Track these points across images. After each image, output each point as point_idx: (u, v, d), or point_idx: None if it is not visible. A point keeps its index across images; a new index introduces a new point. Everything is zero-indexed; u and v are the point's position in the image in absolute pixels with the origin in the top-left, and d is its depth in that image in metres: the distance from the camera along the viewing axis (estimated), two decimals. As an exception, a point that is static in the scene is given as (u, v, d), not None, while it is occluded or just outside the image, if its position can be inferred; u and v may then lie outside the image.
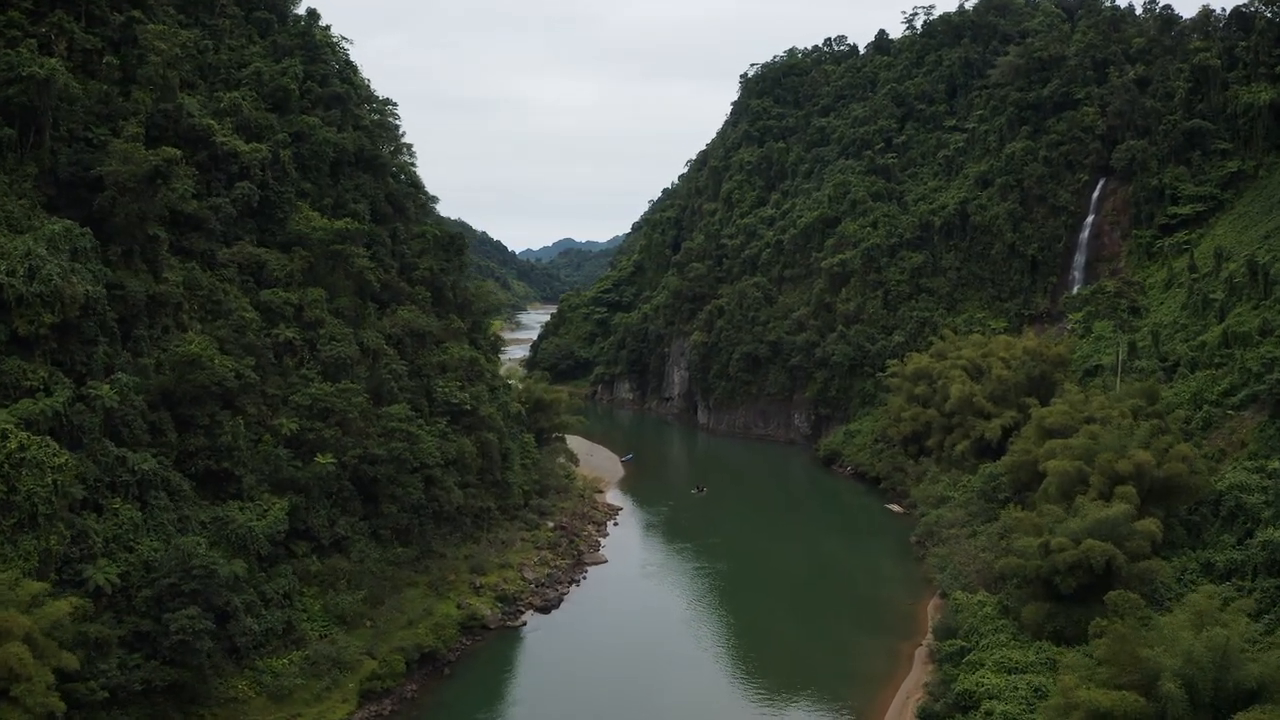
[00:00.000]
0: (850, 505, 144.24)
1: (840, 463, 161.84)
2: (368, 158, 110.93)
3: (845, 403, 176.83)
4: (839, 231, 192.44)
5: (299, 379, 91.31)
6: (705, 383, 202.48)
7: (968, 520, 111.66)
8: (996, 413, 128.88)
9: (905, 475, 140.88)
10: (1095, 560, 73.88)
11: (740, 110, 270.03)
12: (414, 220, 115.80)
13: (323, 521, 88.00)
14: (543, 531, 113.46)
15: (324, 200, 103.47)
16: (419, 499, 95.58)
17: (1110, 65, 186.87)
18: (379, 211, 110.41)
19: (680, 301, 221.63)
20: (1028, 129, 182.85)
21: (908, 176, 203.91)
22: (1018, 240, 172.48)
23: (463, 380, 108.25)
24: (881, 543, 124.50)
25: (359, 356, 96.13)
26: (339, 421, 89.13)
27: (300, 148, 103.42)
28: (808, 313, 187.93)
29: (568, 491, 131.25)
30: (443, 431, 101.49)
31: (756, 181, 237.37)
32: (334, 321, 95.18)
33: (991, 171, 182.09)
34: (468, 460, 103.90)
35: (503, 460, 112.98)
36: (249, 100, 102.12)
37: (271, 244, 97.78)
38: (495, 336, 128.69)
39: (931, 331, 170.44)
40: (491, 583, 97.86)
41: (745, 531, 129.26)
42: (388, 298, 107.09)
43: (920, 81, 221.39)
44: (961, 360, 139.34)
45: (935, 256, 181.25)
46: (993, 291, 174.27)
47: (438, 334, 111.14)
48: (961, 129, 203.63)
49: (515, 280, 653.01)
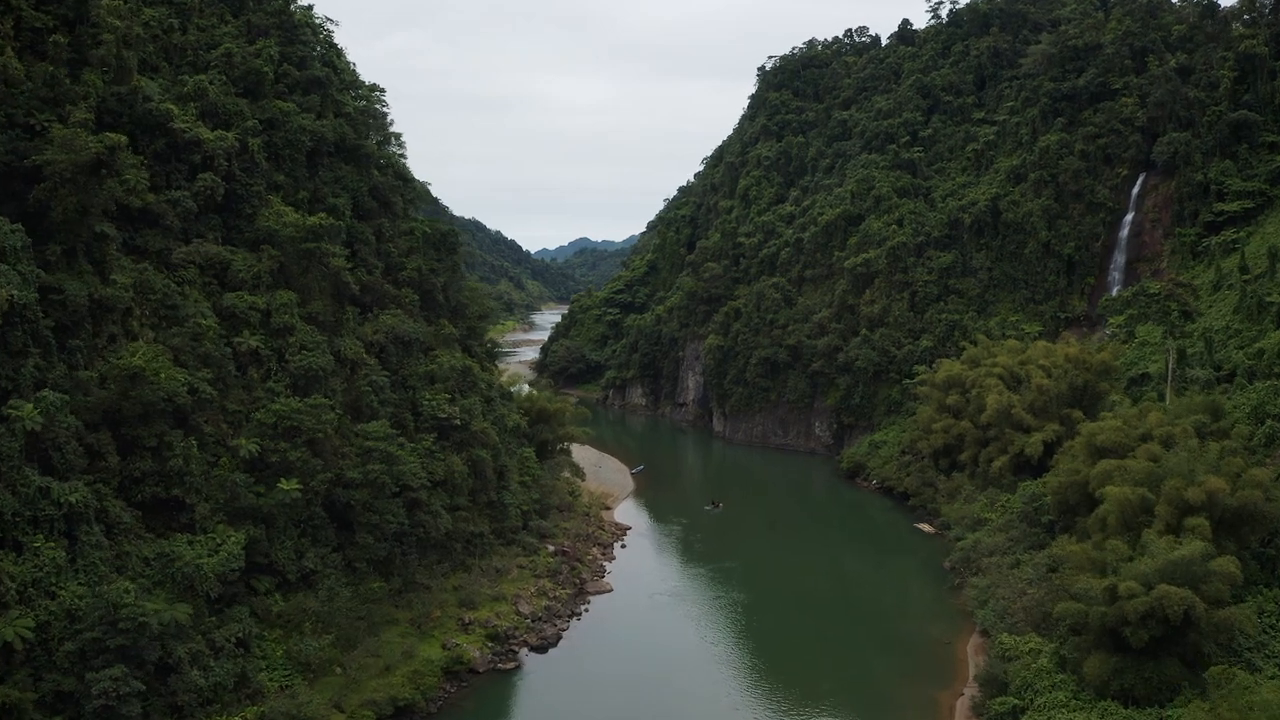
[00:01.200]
0: (877, 524, 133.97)
1: (865, 476, 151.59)
2: (350, 147, 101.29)
3: (869, 411, 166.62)
4: (862, 229, 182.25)
5: (265, 393, 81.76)
6: (721, 389, 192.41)
7: (1009, 546, 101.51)
8: (1037, 426, 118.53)
9: (936, 491, 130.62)
10: (1172, 610, 63.59)
11: (757, 104, 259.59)
12: (401, 216, 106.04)
13: (288, 554, 78.50)
14: (542, 557, 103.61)
15: (299, 194, 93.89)
16: (401, 526, 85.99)
17: (1149, 54, 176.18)
18: (362, 206, 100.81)
19: (695, 303, 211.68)
20: (1062, 121, 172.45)
21: (934, 171, 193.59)
22: (1053, 239, 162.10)
23: (453, 392, 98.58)
24: (912, 567, 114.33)
25: (334, 367, 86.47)
26: (307, 441, 79.44)
27: (273, 136, 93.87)
28: (829, 315, 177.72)
29: (572, 510, 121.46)
30: (429, 449, 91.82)
31: (775, 177, 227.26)
32: (306, 328, 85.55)
33: (1024, 166, 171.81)
34: (458, 481, 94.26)
35: (498, 479, 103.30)
36: (217, 84, 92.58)
37: (239, 242, 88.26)
38: (492, 342, 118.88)
39: (962, 336, 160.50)
40: (482, 618, 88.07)
41: (764, 554, 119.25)
42: (370, 301, 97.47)
43: (947, 72, 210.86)
44: (997, 368, 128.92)
45: (965, 256, 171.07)
46: (1026, 293, 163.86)
47: (427, 341, 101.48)
48: (991, 121, 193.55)
49: (529, 280, 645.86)
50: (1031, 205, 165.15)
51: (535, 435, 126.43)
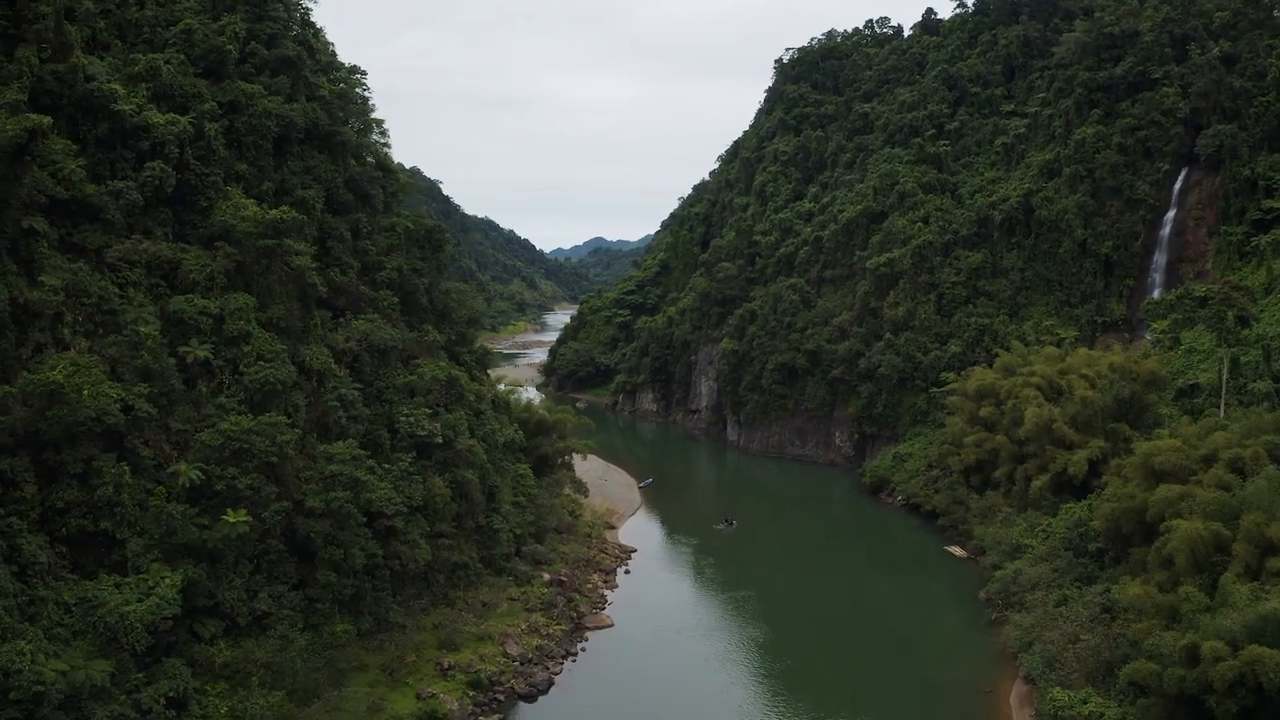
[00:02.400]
0: (903, 546, 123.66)
1: (889, 491, 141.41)
2: (324, 134, 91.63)
3: (893, 421, 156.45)
4: (885, 227, 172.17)
5: (216, 410, 72.15)
6: (735, 395, 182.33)
7: (1054, 579, 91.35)
8: (1080, 442, 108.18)
9: (967, 511, 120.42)
10: (1267, 678, 53.34)
11: (775, 97, 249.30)
12: (381, 211, 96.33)
13: (238, 595, 68.95)
14: (535, 587, 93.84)
15: (263, 185, 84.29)
16: (372, 558, 76.43)
17: (1190, 41, 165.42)
18: (337, 200, 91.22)
19: (708, 305, 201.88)
20: (1098, 113, 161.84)
21: (961, 166, 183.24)
22: (1089, 238, 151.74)
23: (436, 405, 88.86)
24: (943, 597, 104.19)
25: (296, 380, 76.74)
26: (260, 465, 69.81)
27: (235, 121, 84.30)
28: (850, 318, 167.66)
29: (572, 531, 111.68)
30: (406, 471, 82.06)
31: (792, 173, 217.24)
32: (264, 336, 75.89)
33: (1058, 160, 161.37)
34: (439, 505, 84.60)
35: (487, 501, 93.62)
36: (175, 64, 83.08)
37: (192, 239, 78.80)
38: (483, 349, 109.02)
39: (992, 341, 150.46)
40: (464, 662, 78.25)
41: (781, 581, 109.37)
42: (343, 304, 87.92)
43: (974, 62, 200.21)
44: (1035, 377, 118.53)
45: (995, 256, 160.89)
46: (1061, 295, 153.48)
47: (407, 348, 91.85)
48: (1021, 113, 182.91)
49: (543, 280, 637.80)
50: (1066, 202, 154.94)
51: (533, 449, 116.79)
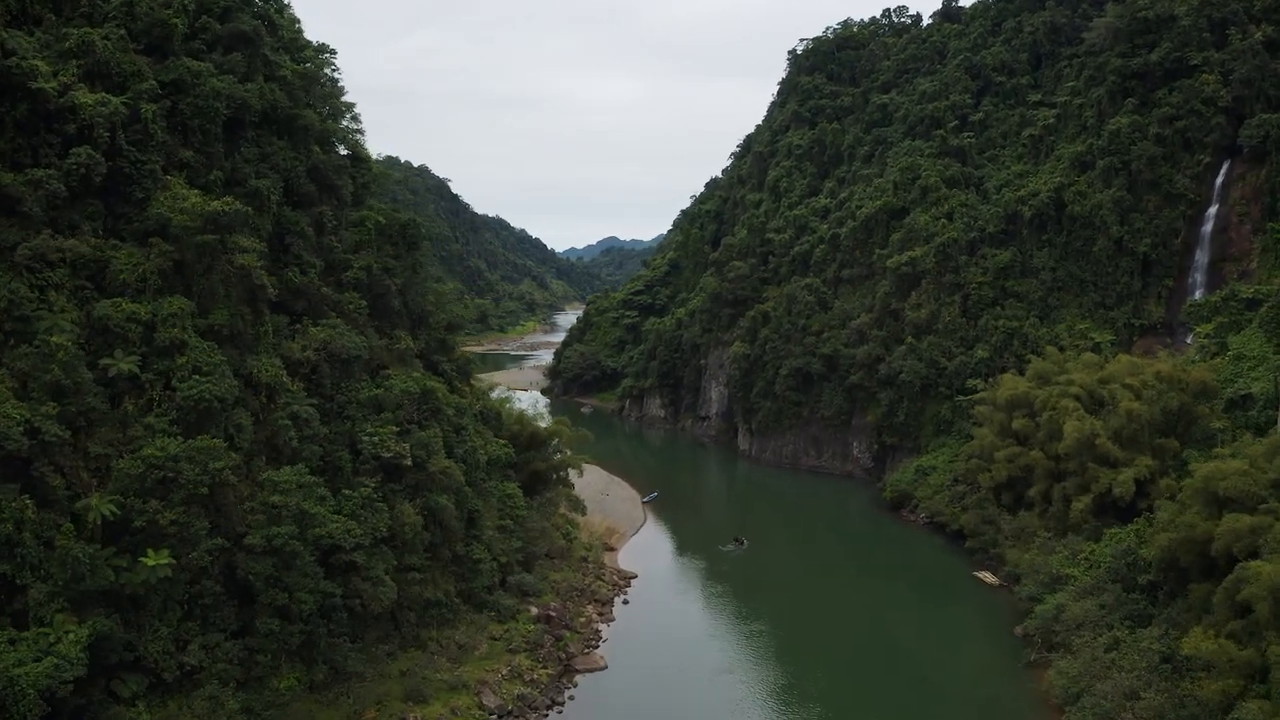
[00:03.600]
0: (928, 570, 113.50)
1: (911, 507, 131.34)
2: (283, 119, 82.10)
3: (915, 431, 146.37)
4: (907, 224, 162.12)
5: (144, 432, 62.70)
6: (747, 402, 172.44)
7: (1101, 616, 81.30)
8: (1125, 459, 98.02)
9: (998, 532, 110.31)
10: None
11: (788, 89, 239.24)
12: (350, 204, 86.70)
13: (163, 647, 59.62)
14: (520, 624, 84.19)
15: (210, 174, 74.76)
16: (328, 598, 66.96)
17: (1230, 25, 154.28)
18: (298, 191, 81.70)
19: (718, 306, 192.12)
20: (1133, 102, 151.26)
21: (987, 159, 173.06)
22: (1125, 235, 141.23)
23: (408, 422, 79.21)
24: (975, 632, 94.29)
25: (239, 395, 67.25)
26: (188, 497, 60.31)
27: (179, 102, 74.78)
28: (869, 321, 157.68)
29: (566, 556, 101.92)
30: (368, 498, 72.43)
31: (807, 168, 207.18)
32: (202, 345, 66.40)
33: (1091, 152, 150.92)
34: (408, 536, 74.99)
35: (467, 527, 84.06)
36: (113, 40, 73.61)
37: (126, 234, 69.42)
38: (465, 358, 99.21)
39: (1022, 345, 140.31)
40: (432, 717, 68.69)
41: (796, 610, 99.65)
42: (303, 308, 78.36)
43: (998, 50, 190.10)
44: (1073, 387, 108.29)
45: (1024, 254, 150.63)
46: (1095, 297, 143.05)
47: (377, 357, 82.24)
48: (1050, 104, 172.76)
49: (554, 279, 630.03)
50: (1100, 196, 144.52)
51: (525, 465, 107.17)
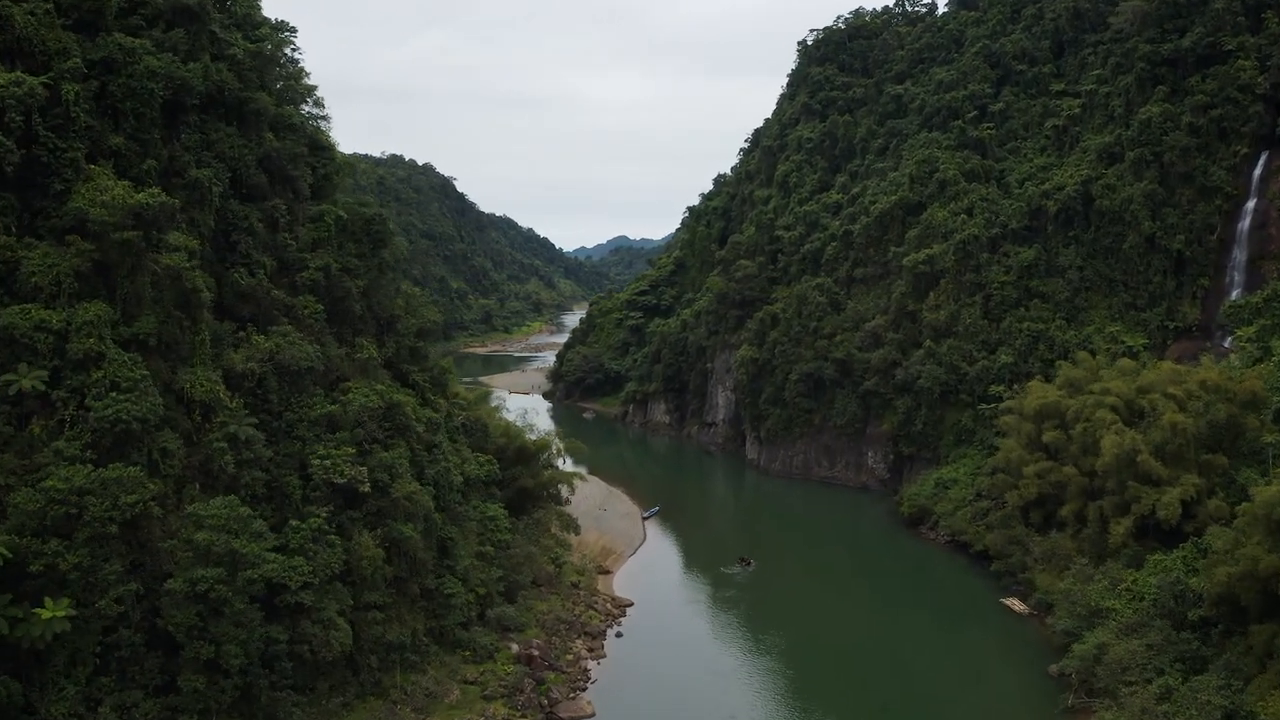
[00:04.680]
0: (950, 594, 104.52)
1: (930, 524, 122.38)
2: (232, 102, 73.60)
3: (934, 440, 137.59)
4: (924, 220, 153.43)
5: (53, 458, 54.22)
6: (755, 409, 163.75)
7: (1149, 658, 72.39)
8: (1169, 477, 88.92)
9: (1026, 554, 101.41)
10: None
11: (798, 80, 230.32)
12: (308, 197, 78.00)
13: (69, 707, 51.46)
14: (499, 664, 75.56)
15: (144, 163, 66.24)
16: (272, 644, 58.55)
17: (1267, 8, 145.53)
18: (247, 182, 73.17)
19: (725, 307, 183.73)
20: (1164, 90, 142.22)
21: (1008, 152, 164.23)
22: (1158, 231, 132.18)
23: (369, 441, 70.63)
24: (1004, 668, 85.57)
25: (167, 414, 58.74)
26: (93, 536, 51.81)
27: (109, 83, 66.29)
28: (885, 323, 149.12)
29: (554, 584, 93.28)
30: (319, 530, 63.89)
31: (818, 162, 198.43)
32: (123, 358, 57.87)
33: (1119, 143, 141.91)
34: (367, 570, 66.40)
35: (440, 556, 75.49)
36: (37, 15, 65.15)
37: (44, 230, 60.93)
38: (439, 369, 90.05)
39: (1047, 348, 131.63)
40: (390, 780, 60.14)
41: (807, 642, 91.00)
42: (249, 314, 69.85)
43: (1018, 38, 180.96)
44: (1110, 397, 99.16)
45: (1050, 252, 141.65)
46: (1126, 297, 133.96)
47: (338, 368, 73.64)
48: (1074, 93, 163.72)
49: (561, 279, 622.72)
50: (1131, 190, 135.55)
51: (512, 481, 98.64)
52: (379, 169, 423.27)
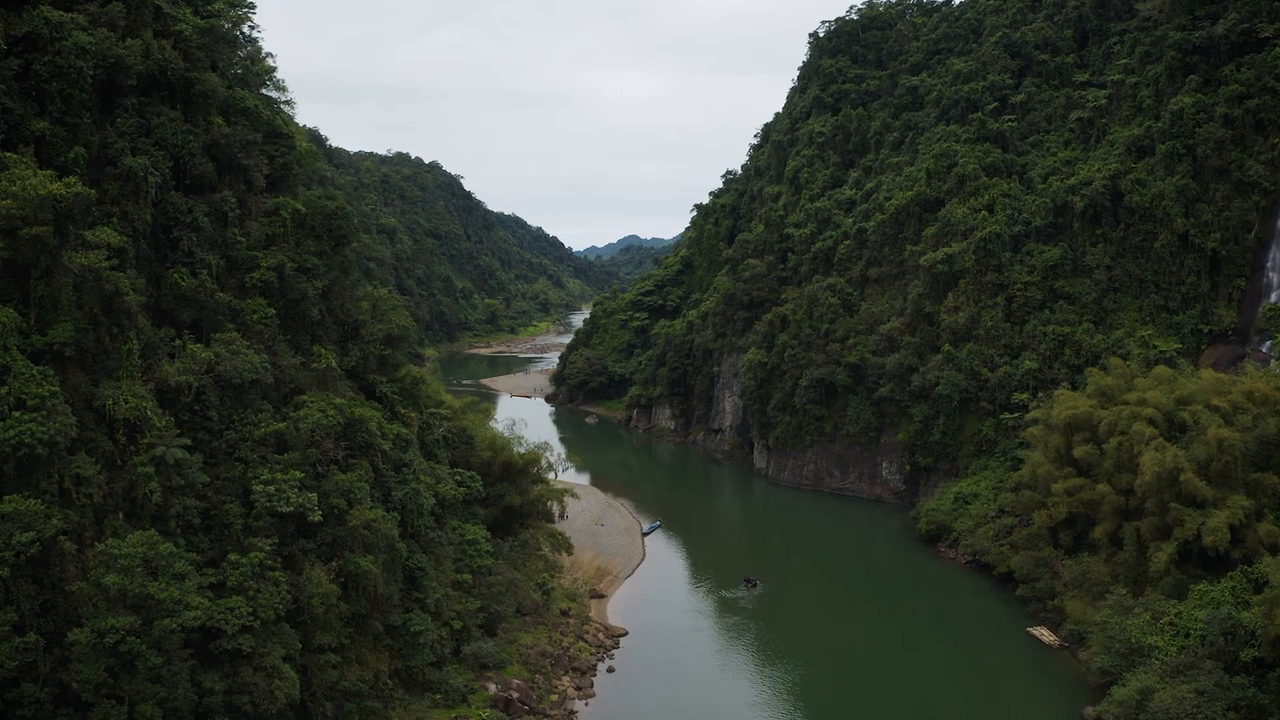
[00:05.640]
0: (973, 621, 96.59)
1: (950, 542, 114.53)
2: (177, 84, 66.13)
3: (953, 451, 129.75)
4: (942, 217, 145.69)
5: (-60, 488, 46.86)
6: (764, 415, 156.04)
7: (1199, 705, 64.65)
8: (1215, 498, 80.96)
9: (1055, 577, 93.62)
10: None
11: (809, 73, 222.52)
12: (263, 189, 70.46)
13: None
14: (474, 708, 68.05)
15: (72, 150, 58.85)
16: (207, 695, 51.12)
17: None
18: (192, 172, 65.72)
19: (732, 308, 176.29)
20: (1196, 79, 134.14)
21: (1030, 145, 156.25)
22: (1191, 228, 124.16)
23: (326, 462, 63.11)
24: (1033, 705, 77.89)
25: (85, 435, 51.34)
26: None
27: (32, 61, 58.91)
28: (901, 326, 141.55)
29: (541, 612, 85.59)
30: (260, 565, 56.40)
31: (830, 156, 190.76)
32: (30, 371, 50.45)
33: (1149, 136, 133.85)
34: (318, 609, 58.86)
35: (409, 588, 67.96)
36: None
37: (-52, 227, 53.56)
38: (412, 379, 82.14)
39: (1074, 354, 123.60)
40: None
41: (817, 674, 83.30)
42: (190, 319, 62.39)
43: (1040, 26, 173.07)
44: (1147, 409, 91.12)
45: (1076, 250, 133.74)
46: (1157, 299, 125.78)
47: (293, 380, 66.09)
48: (1099, 83, 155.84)
49: (570, 278, 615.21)
50: (1162, 185, 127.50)
51: (498, 498, 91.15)
52: (383, 166, 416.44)
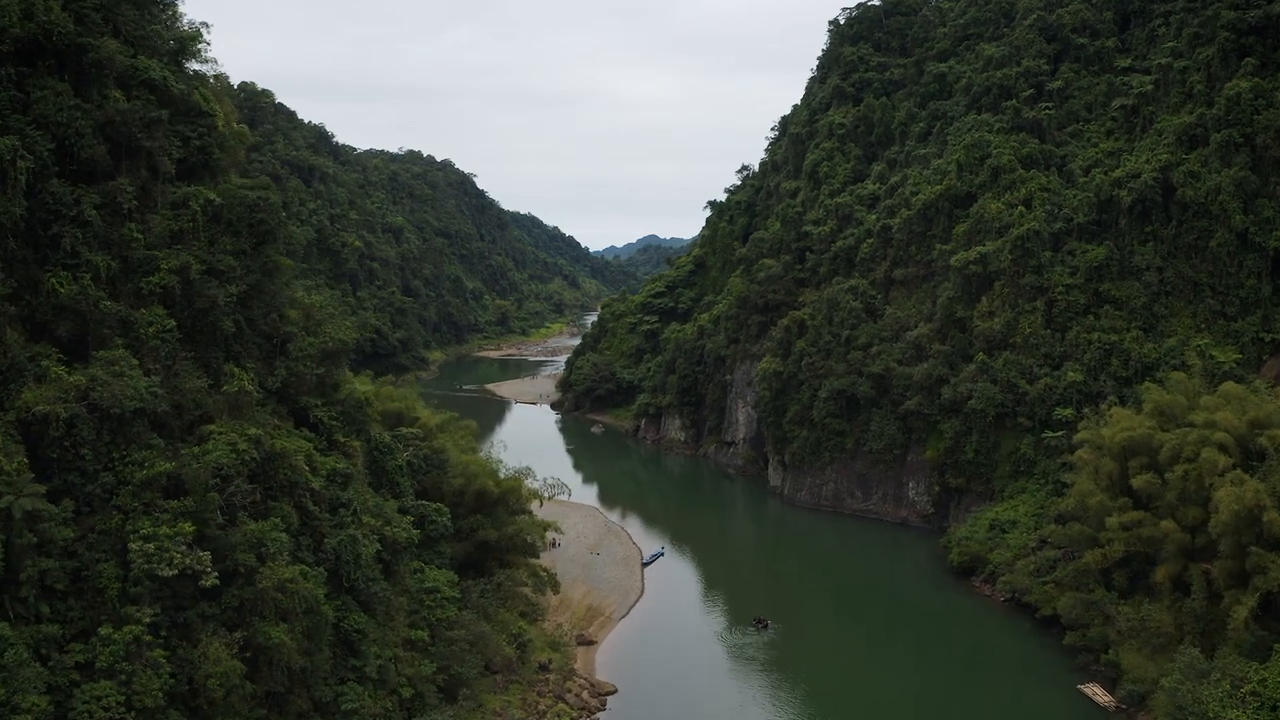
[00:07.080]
0: (1015, 673, 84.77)
1: (985, 576, 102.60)
2: (63, 50, 54.98)
3: (987, 472, 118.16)
4: (974, 213, 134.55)
5: None
6: (779, 429, 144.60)
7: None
8: (1303, 540, 68.89)
9: (1107, 623, 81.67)
10: None
11: (829, 62, 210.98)
12: (172, 177, 59.20)
13: None
14: (421, 799, 56.54)
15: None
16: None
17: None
18: (80, 156, 54.60)
19: (746, 312, 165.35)
20: (1253, 62, 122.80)
21: (1069, 135, 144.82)
22: (1251, 226, 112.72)
23: (234, 508, 51.78)
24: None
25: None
26: None
27: None
28: (929, 332, 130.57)
29: (515, 669, 74.03)
30: (137, 640, 45.20)
31: (851, 149, 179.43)
32: None
33: (1202, 124, 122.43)
34: (215, 692, 47.55)
35: (346, 655, 56.56)
36: None
37: None
38: (355, 400, 69.93)
39: (1122, 364, 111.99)
40: None
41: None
42: (70, 333, 51.24)
43: (1077, 8, 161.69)
44: (1217, 432, 78.92)
45: (1123, 250, 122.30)
46: (1214, 304, 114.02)
47: (198, 406, 54.77)
48: (1143, 68, 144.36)
49: (586, 278, 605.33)
50: (1218, 178, 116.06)
51: (471, 533, 79.83)
52: (393, 164, 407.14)
